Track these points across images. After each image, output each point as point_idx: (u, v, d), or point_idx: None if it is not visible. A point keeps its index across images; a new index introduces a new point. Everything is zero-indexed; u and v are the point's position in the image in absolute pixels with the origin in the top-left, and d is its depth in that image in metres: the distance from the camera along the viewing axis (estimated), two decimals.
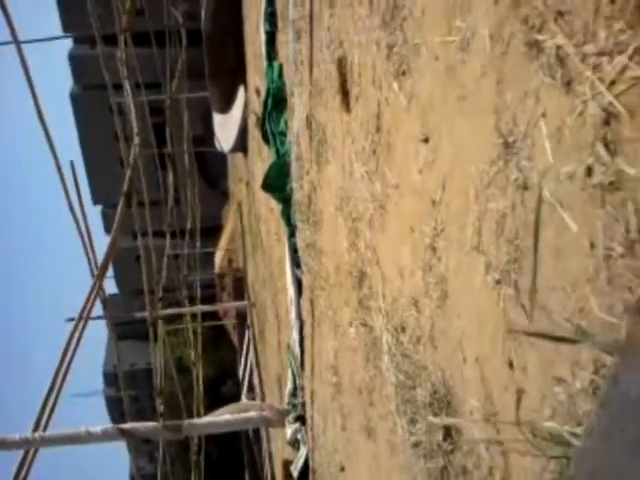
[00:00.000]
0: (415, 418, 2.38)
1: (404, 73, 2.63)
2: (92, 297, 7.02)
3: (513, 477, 1.63)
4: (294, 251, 6.29)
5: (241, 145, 15.10)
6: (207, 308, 18.14)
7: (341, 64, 3.79)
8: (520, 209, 1.63)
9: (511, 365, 1.65)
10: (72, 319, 6.88)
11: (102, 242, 7.82)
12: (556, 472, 1.30)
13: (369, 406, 3.28)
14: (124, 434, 6.41)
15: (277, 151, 6.98)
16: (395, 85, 2.70)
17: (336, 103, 3.85)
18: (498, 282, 1.73)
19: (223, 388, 22.48)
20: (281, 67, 6.79)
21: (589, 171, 1.31)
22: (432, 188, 2.32)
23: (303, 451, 6.19)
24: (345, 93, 3.67)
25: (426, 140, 2.34)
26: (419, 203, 2.47)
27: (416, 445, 2.38)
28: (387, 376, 2.85)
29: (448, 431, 2.07)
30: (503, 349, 1.68)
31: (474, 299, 1.89)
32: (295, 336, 6.42)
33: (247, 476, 18.49)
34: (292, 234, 6.29)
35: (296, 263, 6.32)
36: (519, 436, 1.51)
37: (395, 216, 2.81)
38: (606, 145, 1.26)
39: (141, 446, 22.74)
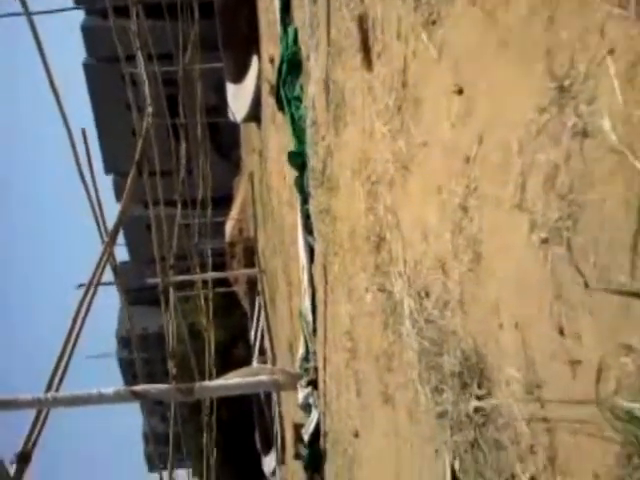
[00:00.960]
0: (441, 387, 2.20)
1: (434, 23, 2.39)
2: (102, 263, 6.88)
3: (561, 456, 1.44)
4: (306, 218, 6.08)
5: (254, 115, 14.80)
6: (218, 275, 18.06)
7: (362, 21, 3.54)
8: (577, 159, 1.41)
9: (561, 332, 1.45)
10: (83, 285, 6.74)
11: (114, 211, 7.66)
12: (623, 455, 1.11)
13: (387, 372, 3.10)
14: (136, 396, 6.30)
15: (292, 117, 6.73)
16: (424, 36, 2.46)
17: (356, 62, 3.60)
18: (545, 241, 1.52)
19: (234, 352, 22.51)
20: (296, 31, 6.50)
21: None
22: (466, 143, 2.10)
23: (314, 415, 6.07)
24: (366, 51, 3.42)
25: (460, 91, 2.11)
26: (449, 160, 2.25)
27: (441, 415, 2.20)
28: (408, 342, 2.66)
29: (480, 402, 1.89)
30: (551, 313, 1.48)
31: (514, 261, 1.69)
32: (307, 303, 6.25)
33: (257, 438, 18.59)
34: (305, 201, 6.08)
35: (308, 230, 6.12)
36: (572, 413, 1.32)
37: (420, 176, 2.59)
38: None
39: (154, 407, 22.91)
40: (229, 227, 23.21)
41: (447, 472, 2.12)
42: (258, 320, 17.37)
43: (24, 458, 4.89)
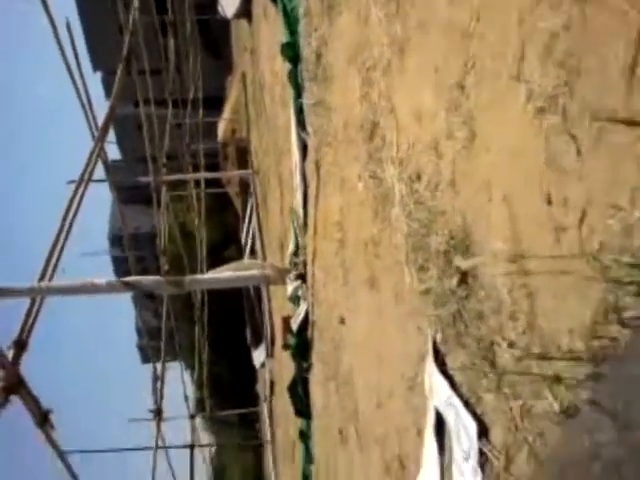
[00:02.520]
0: (426, 266, 2.23)
1: None
2: (93, 158, 6.79)
3: (540, 319, 1.48)
4: (299, 113, 5.95)
5: (245, 10, 14.13)
6: (210, 175, 17.93)
7: None
8: (578, 25, 1.35)
9: (549, 201, 1.45)
10: (74, 181, 6.67)
11: (104, 109, 7.47)
12: (600, 312, 1.13)
13: (374, 258, 3.14)
14: (128, 286, 6.40)
15: (284, 8, 6.42)
16: None
17: None
18: (541, 110, 1.49)
19: (225, 253, 22.77)
20: None
21: None
22: (464, 20, 2.01)
23: (303, 307, 6.22)
24: None
25: None
26: (446, 39, 2.17)
27: (425, 293, 2.25)
28: (397, 227, 2.68)
29: (463, 277, 1.92)
30: (541, 183, 1.47)
31: (509, 134, 1.66)
32: (299, 198, 6.24)
33: (248, 333, 19.17)
34: (298, 95, 5.92)
35: (302, 126, 6.01)
36: (555, 277, 1.34)
37: (416, 58, 2.50)
38: None
39: (146, 302, 23.37)
40: (221, 127, 22.78)
41: (429, 345, 2.19)
42: (250, 222, 17.43)
43: (21, 345, 5.01)
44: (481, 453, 1.75)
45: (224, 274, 6.85)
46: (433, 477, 2.25)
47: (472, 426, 1.78)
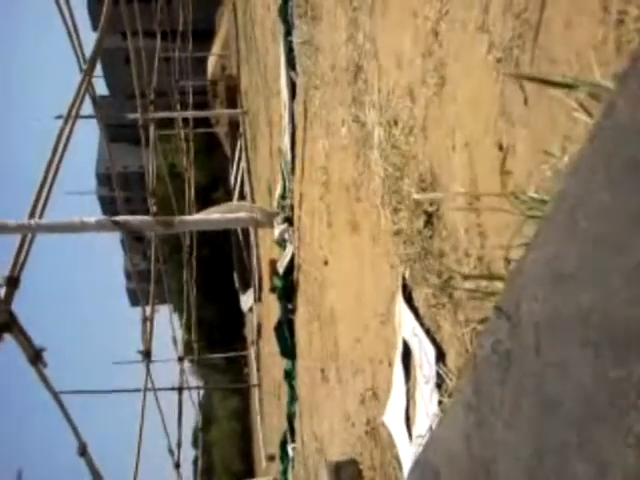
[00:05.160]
0: (399, 207, 2.43)
1: None
2: (81, 92, 6.83)
3: (487, 257, 1.69)
4: (289, 51, 6.02)
5: None
6: (199, 114, 17.85)
7: None
8: None
9: (500, 147, 1.63)
10: (61, 116, 6.75)
11: (91, 41, 7.43)
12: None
13: (355, 202, 3.34)
14: (117, 225, 6.58)
15: None
16: None
17: None
18: (499, 61, 1.66)
19: (214, 194, 22.92)
20: None
21: None
22: None
23: (289, 250, 6.45)
24: None
25: None
26: None
27: (397, 233, 2.46)
28: (375, 171, 2.86)
29: (429, 218, 2.12)
30: (495, 131, 1.66)
31: (472, 82, 1.83)
32: (287, 140, 6.38)
33: (236, 277, 19.54)
34: (288, 32, 5.97)
35: (291, 65, 6.08)
36: (500, 205, 1.53)
37: (399, 1, 2.63)
38: None
39: (135, 245, 23.61)
40: (211, 64, 22.52)
41: (399, 281, 2.42)
42: (239, 163, 17.51)
43: (12, 282, 5.21)
44: (438, 376, 1.99)
45: (213, 216, 7.04)
46: (400, 402, 2.52)
47: (432, 352, 2.02)
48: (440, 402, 1.96)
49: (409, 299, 2.32)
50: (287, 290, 6.47)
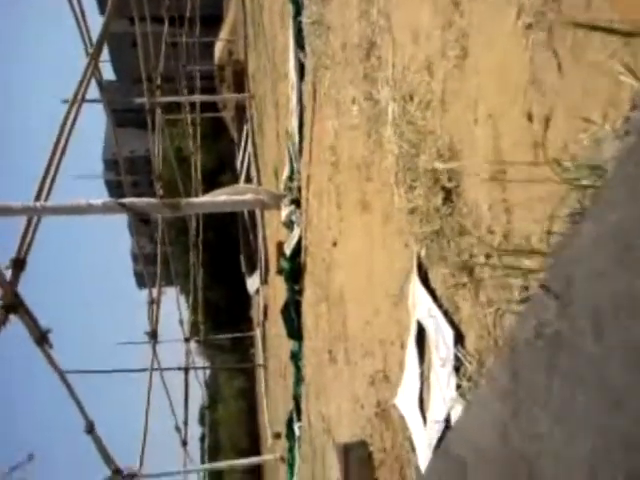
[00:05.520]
0: (414, 185, 2.31)
1: None
2: (87, 76, 6.70)
3: (515, 233, 1.57)
4: (298, 32, 5.86)
5: None
6: (206, 98, 17.67)
7: None
8: None
9: (530, 118, 1.51)
10: (67, 100, 6.61)
11: (98, 26, 7.30)
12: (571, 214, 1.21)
13: (366, 181, 3.22)
14: (123, 207, 6.47)
15: None
16: None
17: None
18: (529, 27, 1.53)
19: (221, 178, 22.76)
20: None
21: None
22: None
23: (296, 231, 6.33)
24: None
25: None
26: None
27: (413, 211, 2.34)
28: (388, 149, 2.74)
29: (448, 195, 2.00)
30: (524, 100, 1.53)
31: (497, 51, 1.70)
32: (295, 122, 6.23)
33: (242, 260, 19.45)
34: (298, 13, 5.81)
35: (300, 46, 5.92)
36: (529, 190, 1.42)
37: None
38: None
39: (142, 228, 23.53)
40: (218, 49, 22.25)
41: (414, 261, 2.30)
42: (245, 147, 17.33)
43: (19, 264, 5.12)
44: (456, 359, 1.88)
45: (219, 198, 6.92)
46: (413, 385, 2.41)
47: (450, 334, 1.91)
48: (459, 386, 1.86)
49: (425, 279, 2.20)
50: (294, 272, 6.36)
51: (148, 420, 8.19)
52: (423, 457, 2.37)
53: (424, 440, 2.37)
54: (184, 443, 11.53)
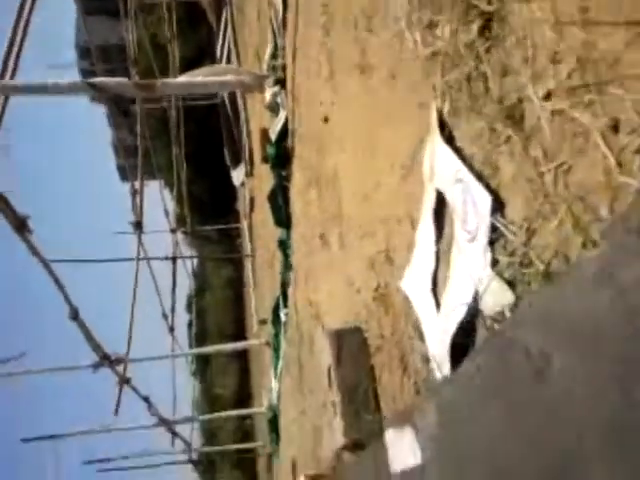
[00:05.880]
0: (436, 21, 1.81)
1: None
2: None
3: (597, 59, 1.12)
4: None
5: None
6: None
7: None
8: None
9: None
10: None
11: None
12: None
13: (367, 34, 2.68)
14: (92, 87, 5.83)
15: None
16: None
17: None
18: None
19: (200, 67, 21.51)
20: None
21: None
22: None
23: (282, 114, 5.78)
24: None
25: None
26: None
27: (433, 56, 1.85)
28: None
29: (487, 22, 1.52)
30: None
31: None
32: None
33: (226, 153, 18.75)
34: None
35: None
36: None
37: None
38: None
39: (121, 121, 22.49)
40: None
41: (433, 118, 1.85)
42: (224, 35, 16.12)
43: None
44: (493, 229, 1.49)
45: (197, 78, 6.28)
46: (426, 265, 2.05)
47: (486, 201, 1.50)
48: (496, 262, 1.48)
49: (449, 139, 1.76)
50: (280, 157, 5.88)
51: (135, 307, 7.99)
52: (435, 344, 2.06)
53: (437, 325, 2.04)
54: (171, 329, 11.50)
